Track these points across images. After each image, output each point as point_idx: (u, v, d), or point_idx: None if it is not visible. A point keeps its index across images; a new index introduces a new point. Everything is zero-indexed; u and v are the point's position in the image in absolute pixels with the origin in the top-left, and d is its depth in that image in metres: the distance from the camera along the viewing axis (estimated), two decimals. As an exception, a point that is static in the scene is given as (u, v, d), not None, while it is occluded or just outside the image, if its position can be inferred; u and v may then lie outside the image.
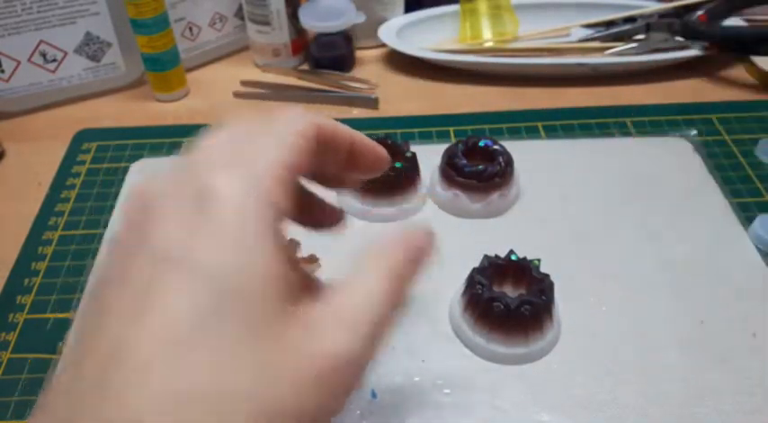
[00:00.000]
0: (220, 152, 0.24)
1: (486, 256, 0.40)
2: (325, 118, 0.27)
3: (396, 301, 0.23)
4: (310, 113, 0.26)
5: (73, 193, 0.52)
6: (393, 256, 0.24)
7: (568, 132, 0.56)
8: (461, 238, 0.45)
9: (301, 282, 0.23)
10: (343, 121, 0.28)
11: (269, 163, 0.23)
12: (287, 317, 0.21)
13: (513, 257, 0.40)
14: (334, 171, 0.28)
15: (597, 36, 0.65)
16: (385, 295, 0.23)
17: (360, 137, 0.28)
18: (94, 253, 0.46)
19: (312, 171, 0.27)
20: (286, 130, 0.25)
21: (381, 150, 0.29)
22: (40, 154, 0.56)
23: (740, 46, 0.62)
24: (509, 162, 0.47)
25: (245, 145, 0.24)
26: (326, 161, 0.27)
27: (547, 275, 0.38)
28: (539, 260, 0.39)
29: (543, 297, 0.37)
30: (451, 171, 0.46)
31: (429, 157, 0.49)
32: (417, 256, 0.25)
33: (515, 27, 0.67)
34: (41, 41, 0.58)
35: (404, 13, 0.68)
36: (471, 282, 0.39)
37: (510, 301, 0.36)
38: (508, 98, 0.61)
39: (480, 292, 0.37)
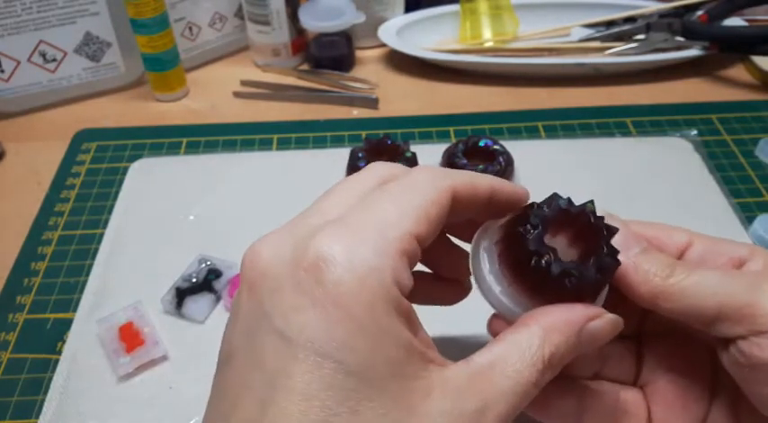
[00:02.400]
0: (343, 213, 0.23)
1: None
2: (463, 176, 0.25)
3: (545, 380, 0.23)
4: (448, 175, 0.24)
5: (73, 193, 0.52)
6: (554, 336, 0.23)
7: (568, 132, 0.56)
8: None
9: (425, 348, 0.22)
10: (343, 121, 0.27)
11: (395, 236, 0.22)
12: (417, 390, 0.21)
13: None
14: (467, 219, 0.27)
15: (597, 36, 0.65)
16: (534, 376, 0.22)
17: (499, 184, 0.26)
18: (94, 253, 0.46)
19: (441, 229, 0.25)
20: (419, 196, 0.23)
21: (520, 191, 0.27)
22: (39, 154, 0.56)
23: (740, 46, 0.62)
24: (509, 162, 0.47)
25: (372, 207, 0.23)
26: (461, 215, 0.26)
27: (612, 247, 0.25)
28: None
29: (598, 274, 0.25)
30: (451, 171, 0.46)
31: (429, 157, 0.49)
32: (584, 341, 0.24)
33: (515, 27, 0.67)
34: (41, 41, 0.58)
35: (404, 13, 0.68)
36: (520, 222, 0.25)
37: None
38: (508, 98, 0.61)
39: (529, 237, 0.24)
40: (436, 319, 0.29)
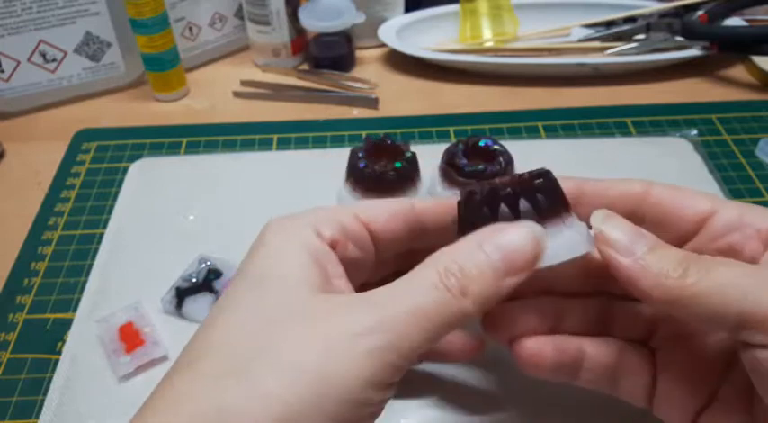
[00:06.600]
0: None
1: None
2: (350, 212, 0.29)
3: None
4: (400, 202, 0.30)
5: (73, 193, 0.52)
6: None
7: (568, 132, 0.56)
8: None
9: (328, 282, 0.26)
10: (343, 121, 0.28)
11: (334, 210, 0.28)
12: (321, 303, 0.24)
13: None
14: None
15: (597, 36, 0.65)
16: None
17: (421, 208, 0.31)
18: (94, 253, 0.46)
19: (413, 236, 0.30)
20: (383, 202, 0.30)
21: (444, 205, 0.31)
22: (39, 154, 0.56)
23: (740, 46, 0.62)
24: (509, 162, 0.47)
25: (334, 208, 0.29)
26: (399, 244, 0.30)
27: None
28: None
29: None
30: (452, 171, 0.46)
31: (429, 157, 0.49)
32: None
33: (515, 27, 0.67)
34: (41, 41, 0.58)
35: (404, 13, 0.68)
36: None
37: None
38: (508, 98, 0.61)
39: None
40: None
